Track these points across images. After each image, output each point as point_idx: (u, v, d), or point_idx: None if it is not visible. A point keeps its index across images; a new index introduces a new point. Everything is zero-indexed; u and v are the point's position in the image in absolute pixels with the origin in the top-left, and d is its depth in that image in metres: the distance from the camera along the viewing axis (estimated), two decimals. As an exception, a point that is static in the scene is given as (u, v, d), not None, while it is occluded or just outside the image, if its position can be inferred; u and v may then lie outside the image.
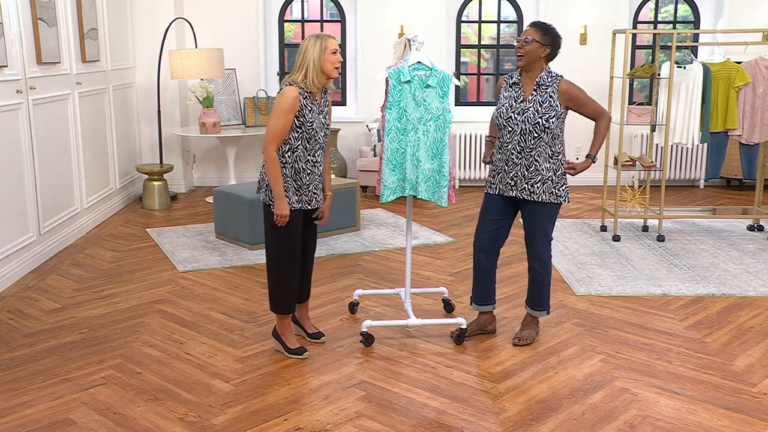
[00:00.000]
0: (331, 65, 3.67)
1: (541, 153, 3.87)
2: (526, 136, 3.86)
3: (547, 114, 3.82)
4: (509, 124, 3.89)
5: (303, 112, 3.68)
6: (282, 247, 3.81)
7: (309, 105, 3.70)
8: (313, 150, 3.77)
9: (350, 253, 5.89)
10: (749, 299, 4.85)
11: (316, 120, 3.73)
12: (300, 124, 3.69)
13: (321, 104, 3.79)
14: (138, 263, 5.61)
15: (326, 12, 8.71)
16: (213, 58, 7.35)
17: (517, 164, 3.90)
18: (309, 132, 3.71)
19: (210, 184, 8.67)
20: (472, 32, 8.86)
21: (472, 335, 4.22)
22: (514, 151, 3.90)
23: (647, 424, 3.26)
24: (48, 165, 5.76)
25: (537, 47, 3.81)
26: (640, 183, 8.13)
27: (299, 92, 3.66)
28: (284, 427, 3.24)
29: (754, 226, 6.60)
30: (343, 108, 8.77)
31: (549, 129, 3.83)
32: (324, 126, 3.80)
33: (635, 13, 8.57)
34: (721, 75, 6.12)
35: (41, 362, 3.87)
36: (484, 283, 4.17)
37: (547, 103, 3.83)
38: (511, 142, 3.90)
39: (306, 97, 3.69)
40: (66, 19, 6.13)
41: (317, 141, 3.77)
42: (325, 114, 3.82)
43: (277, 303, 3.92)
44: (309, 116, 3.70)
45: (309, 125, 3.70)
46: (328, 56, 3.66)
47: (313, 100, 3.73)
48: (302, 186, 3.78)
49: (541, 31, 3.84)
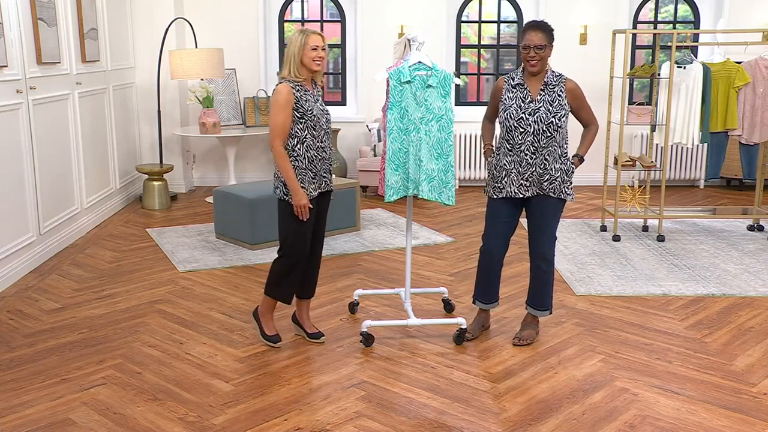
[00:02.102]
0: (310, 60, 3.79)
1: (552, 152, 3.89)
2: (539, 136, 3.86)
3: (558, 113, 3.85)
4: (521, 125, 3.88)
5: (300, 103, 3.81)
6: (297, 237, 3.90)
7: (304, 96, 3.82)
8: (320, 136, 3.89)
9: (350, 253, 5.89)
10: (749, 299, 4.85)
11: (314, 107, 3.85)
12: (301, 115, 3.81)
13: (314, 93, 3.91)
14: (138, 263, 5.61)
15: (326, 12, 8.71)
16: (213, 58, 7.35)
17: (531, 165, 3.90)
18: (312, 120, 3.84)
19: (210, 184, 8.67)
20: (472, 32, 8.86)
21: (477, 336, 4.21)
22: (528, 152, 3.90)
23: (647, 424, 3.26)
24: (48, 165, 5.76)
25: (549, 50, 3.86)
26: (640, 183, 8.13)
27: (291, 86, 3.79)
28: (284, 427, 3.24)
29: (754, 226, 6.60)
30: (343, 108, 8.76)
31: (561, 128, 3.86)
32: (324, 112, 3.93)
33: (635, 13, 8.57)
34: (721, 75, 6.12)
35: (41, 362, 3.87)
36: (492, 283, 4.18)
37: (557, 102, 3.86)
38: (524, 143, 3.90)
39: (299, 89, 3.82)
40: (66, 19, 6.13)
41: (321, 127, 3.89)
42: (321, 102, 3.94)
43: (278, 289, 4.00)
44: (307, 105, 3.82)
45: (310, 113, 3.82)
46: (308, 51, 3.79)
47: (306, 90, 3.85)
48: (317, 173, 3.90)
49: (547, 33, 3.86)
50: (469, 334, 4.17)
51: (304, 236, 3.91)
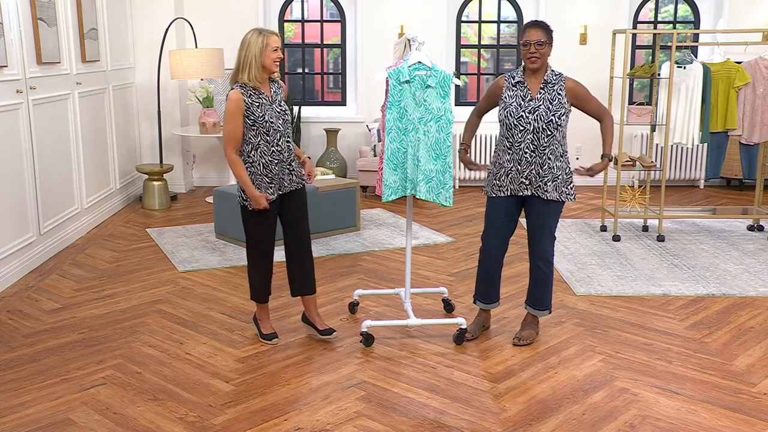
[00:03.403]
0: (271, 61, 3.81)
1: (553, 151, 3.89)
2: (539, 134, 3.87)
3: (558, 111, 3.85)
4: (521, 123, 3.88)
5: (251, 110, 3.82)
6: (256, 239, 3.99)
7: (256, 101, 3.83)
8: (275, 140, 3.89)
9: (350, 253, 5.89)
10: (749, 299, 4.85)
11: (267, 112, 3.84)
12: (252, 122, 3.83)
13: (272, 95, 3.90)
14: (138, 263, 5.61)
15: (326, 12, 8.71)
16: (213, 58, 7.35)
17: (531, 163, 3.90)
18: (264, 126, 3.84)
19: (210, 184, 8.67)
20: (472, 32, 8.86)
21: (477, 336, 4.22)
22: (528, 150, 3.90)
23: (647, 424, 3.26)
24: (48, 165, 5.76)
25: (548, 48, 3.86)
26: (640, 183, 8.13)
27: (242, 93, 3.81)
28: (284, 427, 3.24)
29: (754, 226, 6.60)
30: (343, 108, 8.77)
31: (561, 126, 3.86)
32: (280, 114, 3.91)
33: (635, 13, 8.57)
34: (721, 75, 6.12)
35: (41, 362, 3.87)
36: (493, 283, 4.18)
37: (557, 100, 3.86)
38: (523, 141, 3.90)
39: (251, 94, 3.83)
40: (66, 19, 6.13)
41: (277, 130, 3.88)
42: (279, 102, 3.93)
43: (252, 291, 4.12)
44: (258, 111, 3.83)
45: (261, 120, 3.83)
46: (269, 53, 3.80)
47: (260, 94, 3.85)
48: (274, 178, 3.92)
49: (547, 31, 3.87)
50: (470, 334, 4.17)
51: (264, 237, 3.97)
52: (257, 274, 4.06)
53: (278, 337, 4.15)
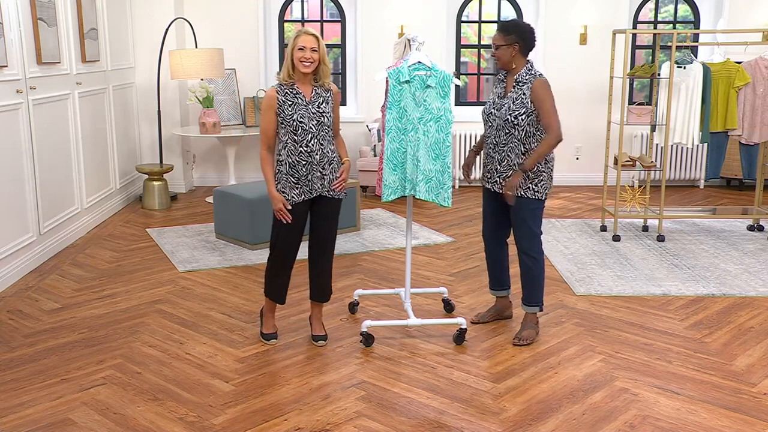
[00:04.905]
0: (297, 60, 3.80)
1: (513, 149, 3.96)
2: (500, 131, 3.98)
3: (516, 111, 3.91)
4: (489, 119, 4.05)
5: (282, 108, 3.83)
6: (278, 239, 3.96)
7: (290, 100, 3.83)
8: (304, 141, 3.84)
9: (350, 253, 5.89)
10: (749, 299, 4.85)
11: (298, 112, 3.81)
12: (281, 120, 3.84)
13: (312, 96, 3.85)
14: (138, 263, 5.61)
15: (326, 12, 8.71)
16: (213, 58, 7.35)
17: (493, 158, 4.05)
18: (292, 125, 3.82)
19: (210, 184, 8.67)
20: (472, 32, 8.86)
21: (490, 321, 4.39)
22: (492, 145, 4.05)
23: (647, 424, 3.26)
24: (48, 165, 5.76)
25: (505, 50, 3.95)
26: (640, 183, 8.13)
27: (277, 90, 3.84)
28: (284, 427, 3.24)
29: (754, 226, 6.60)
30: (343, 108, 8.76)
31: (518, 125, 3.91)
32: (315, 115, 3.83)
33: (635, 13, 8.57)
34: (721, 75, 6.12)
35: (41, 362, 3.87)
36: (495, 270, 4.35)
37: (520, 100, 3.93)
38: (490, 137, 4.06)
39: (287, 93, 3.83)
40: (66, 19, 6.13)
41: (307, 131, 3.84)
42: (319, 104, 3.85)
43: (269, 288, 4.10)
44: (289, 110, 3.82)
45: (290, 119, 3.82)
46: (295, 51, 3.79)
47: (296, 93, 3.83)
48: (300, 179, 3.88)
49: (503, 32, 3.97)
50: (476, 318, 4.37)
51: (286, 238, 3.92)
52: (279, 273, 4.03)
53: (277, 338, 4.15)
